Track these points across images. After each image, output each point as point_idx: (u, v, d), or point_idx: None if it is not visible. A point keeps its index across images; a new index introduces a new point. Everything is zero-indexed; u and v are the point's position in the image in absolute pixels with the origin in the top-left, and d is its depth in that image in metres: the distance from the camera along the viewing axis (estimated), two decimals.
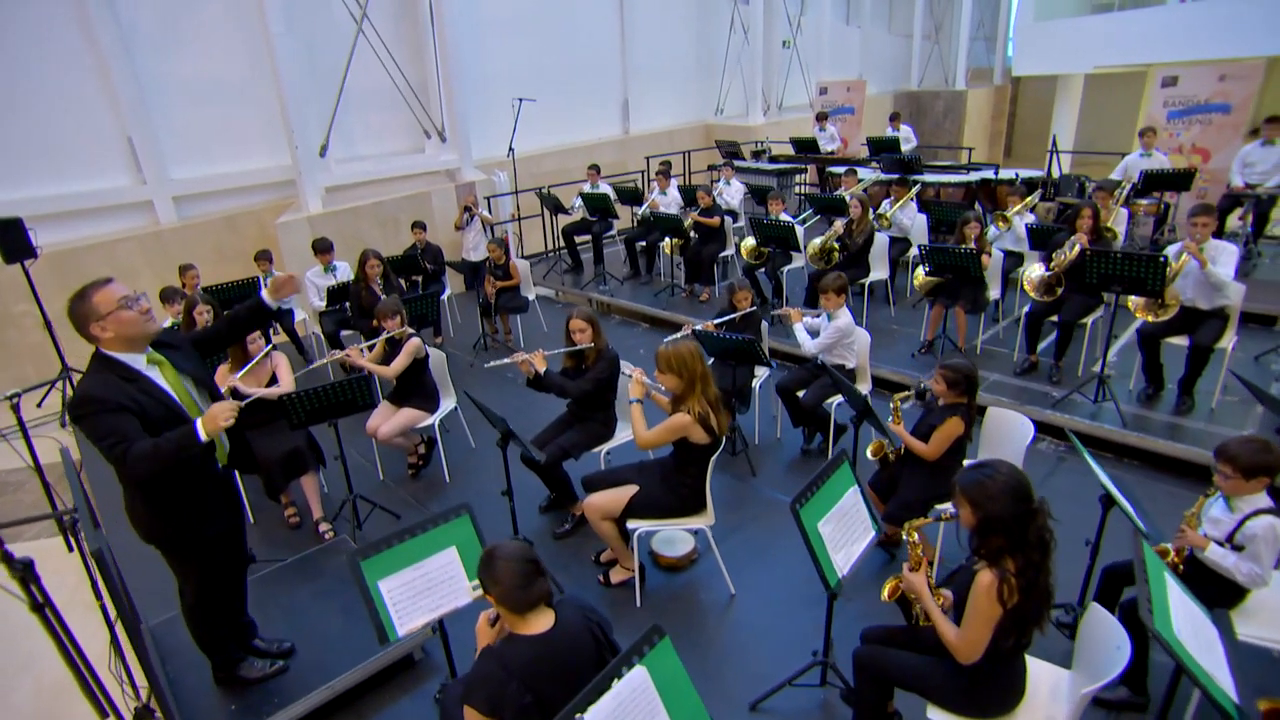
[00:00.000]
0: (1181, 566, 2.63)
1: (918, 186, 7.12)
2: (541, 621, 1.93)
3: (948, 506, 2.35)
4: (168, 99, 7.75)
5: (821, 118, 10.46)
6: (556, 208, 8.27)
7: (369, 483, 4.63)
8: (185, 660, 2.99)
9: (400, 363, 4.32)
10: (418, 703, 2.98)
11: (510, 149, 8.73)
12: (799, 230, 6.41)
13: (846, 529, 2.56)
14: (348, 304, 6.05)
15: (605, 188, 8.45)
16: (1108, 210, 5.67)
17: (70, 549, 3.11)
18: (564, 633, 1.93)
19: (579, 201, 8.35)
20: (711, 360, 4.44)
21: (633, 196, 8.32)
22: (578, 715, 1.58)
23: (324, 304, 6.16)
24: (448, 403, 4.72)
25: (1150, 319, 4.64)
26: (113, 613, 2.66)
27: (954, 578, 2.37)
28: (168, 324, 5.25)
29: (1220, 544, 2.57)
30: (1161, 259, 4.16)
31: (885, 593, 2.49)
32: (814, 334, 4.57)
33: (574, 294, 8.44)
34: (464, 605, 2.50)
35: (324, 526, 4.03)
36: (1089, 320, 5.06)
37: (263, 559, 3.68)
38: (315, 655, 3.04)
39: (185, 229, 8.08)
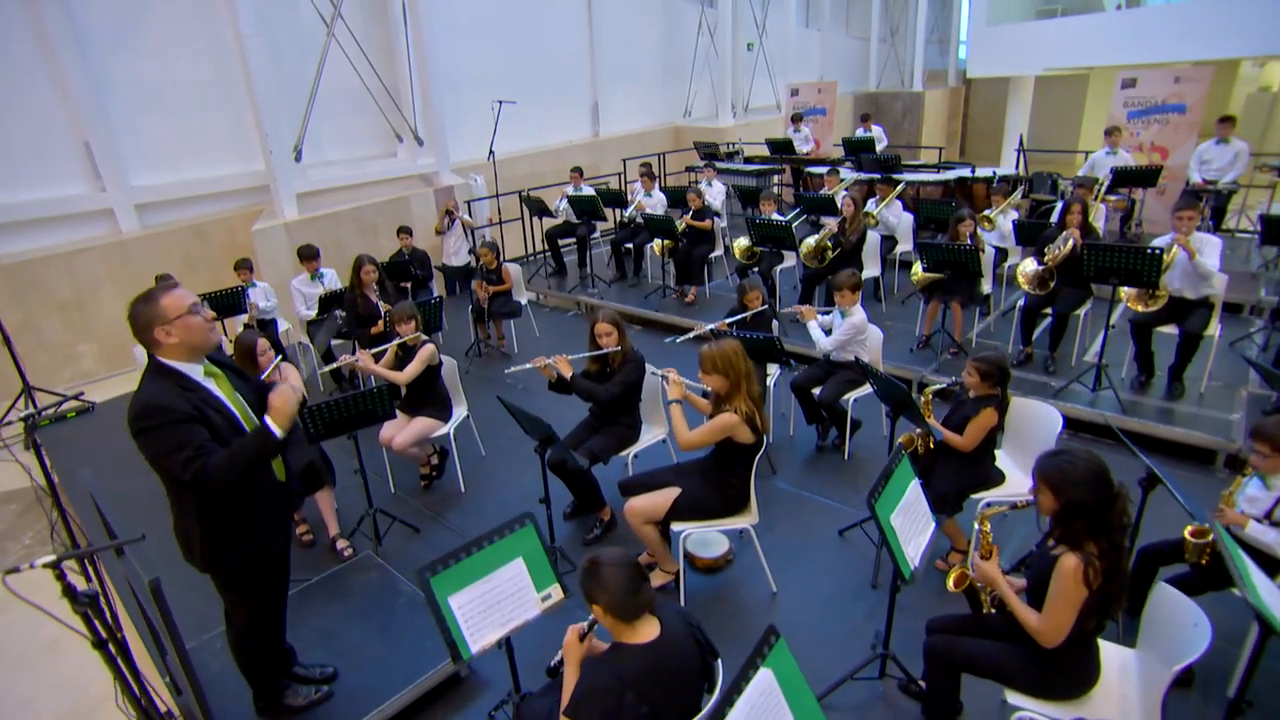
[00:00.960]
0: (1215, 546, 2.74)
1: (902, 185, 7.27)
2: (649, 629, 1.90)
3: (1022, 495, 2.39)
4: (127, 102, 7.41)
5: (796, 119, 10.62)
6: (540, 210, 8.18)
7: (381, 496, 4.48)
8: (223, 690, 2.85)
9: (414, 369, 4.20)
10: (471, 719, 2.89)
11: (491, 152, 8.61)
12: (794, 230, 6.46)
13: (912, 521, 2.59)
14: (338, 312, 5.87)
15: (588, 190, 8.40)
16: (1091, 206, 5.88)
17: (90, 580, 2.92)
18: (670, 639, 1.90)
19: (563, 204, 8.27)
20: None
21: (615, 199, 8.29)
22: None
23: (314, 313, 5.96)
24: (459, 411, 4.61)
25: (1140, 309, 4.84)
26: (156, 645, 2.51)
27: (1023, 565, 2.41)
28: None
29: (1259, 520, 2.69)
30: (1155, 251, 4.34)
31: (951, 582, 2.52)
32: (826, 331, 4.62)
33: (560, 297, 8.37)
34: (533, 618, 2.43)
35: (342, 543, 3.88)
36: (1081, 312, 5.24)
37: None
38: (358, 679, 2.93)
39: (150, 238, 7.73)
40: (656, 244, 7.56)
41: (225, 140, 8.10)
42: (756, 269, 7.01)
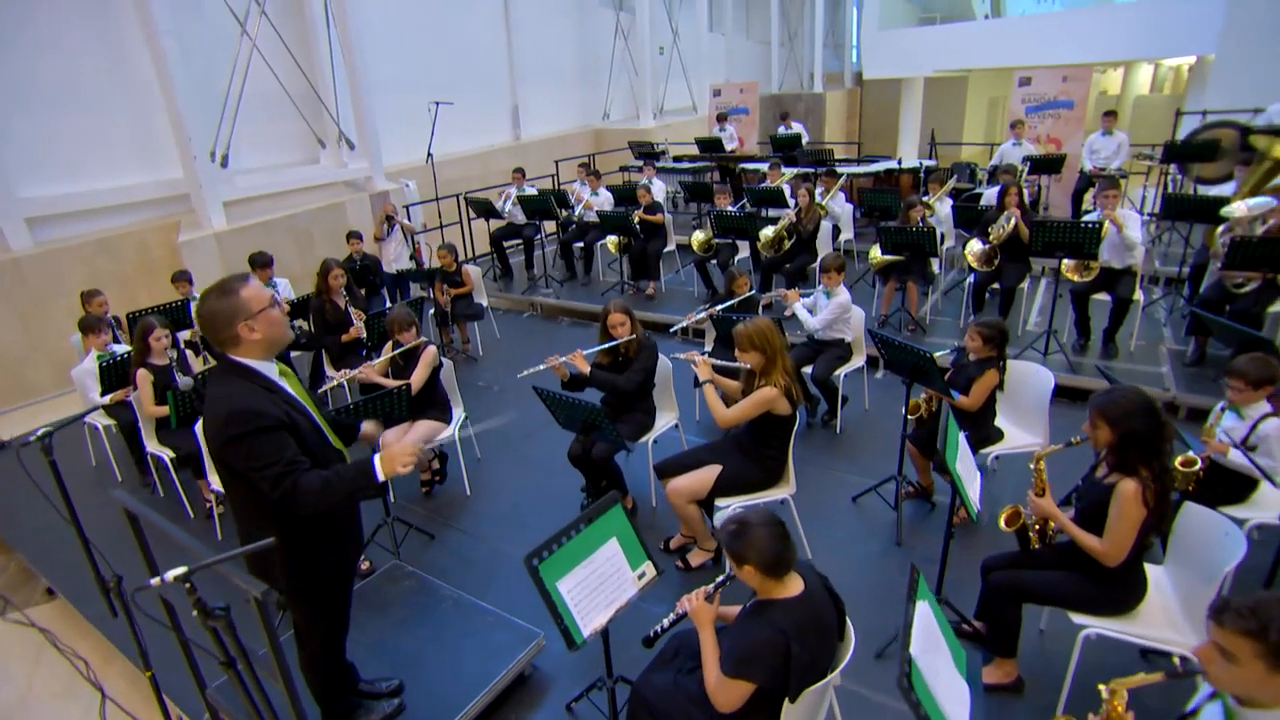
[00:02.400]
0: (1202, 473, 3.11)
1: (844, 177, 7.68)
2: (795, 583, 1.97)
3: (1076, 435, 2.63)
4: (10, 105, 6.66)
5: (721, 118, 10.94)
6: (487, 212, 8.03)
7: (382, 505, 4.31)
8: None
9: (420, 374, 4.06)
10: (550, 714, 2.85)
11: (429, 154, 8.37)
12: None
13: (967, 469, 2.78)
14: (297, 323, 5.57)
15: (530, 190, 8.34)
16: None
17: (114, 614, 2.66)
18: (813, 591, 1.98)
19: (508, 205, 8.17)
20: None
21: (560, 199, 8.28)
22: (908, 655, 1.64)
23: None
24: (458, 413, 4.49)
25: (1076, 279, 5.38)
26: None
27: (1071, 499, 2.65)
28: (94, 356, 4.58)
29: (1237, 447, 3.07)
30: (1094, 225, 4.85)
31: (1003, 521, 2.74)
32: (811, 312, 4.83)
33: (512, 299, 8.26)
34: (632, 597, 2.44)
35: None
36: (1025, 285, 5.74)
37: None
38: (424, 689, 2.81)
39: (46, 255, 7.01)
40: (611, 241, 7.61)
41: (131, 147, 7.46)
42: (714, 260, 7.21)
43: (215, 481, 3.91)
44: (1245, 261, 4.64)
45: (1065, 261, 5.27)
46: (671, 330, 6.30)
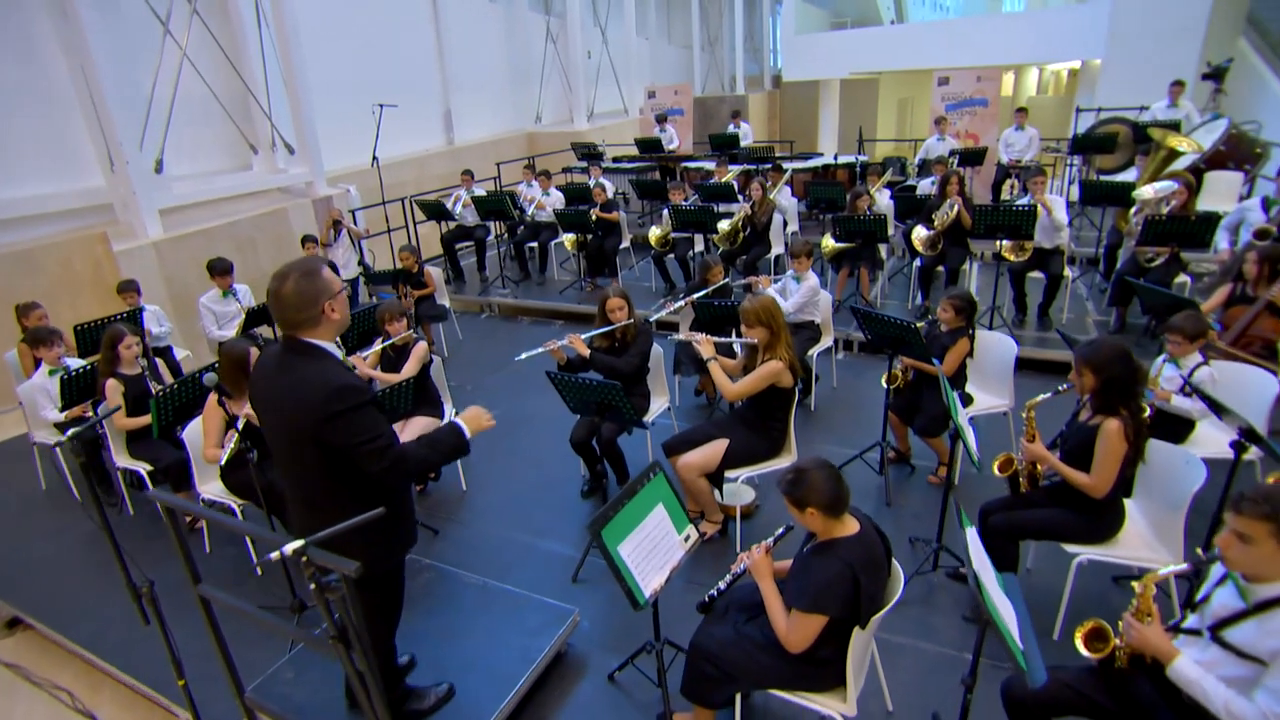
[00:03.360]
0: (1150, 419, 3.52)
1: (789, 173, 8.04)
2: (853, 523, 2.15)
3: (1062, 384, 2.94)
4: None
5: (661, 119, 11.17)
6: (438, 215, 7.95)
7: None
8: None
9: (412, 368, 4.05)
10: (593, 686, 2.93)
11: (375, 158, 8.19)
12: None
13: (965, 421, 3.05)
14: (258, 332, 5.39)
15: (479, 192, 8.32)
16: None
17: (147, 622, 2.57)
18: (867, 529, 2.17)
19: (459, 207, 8.11)
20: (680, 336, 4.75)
21: (510, 200, 8.29)
22: (973, 570, 1.84)
23: (231, 332, 5.40)
24: (449, 408, 4.48)
25: (1013, 259, 5.86)
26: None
27: (1057, 443, 2.96)
28: (45, 371, 4.32)
29: (1178, 394, 3.49)
30: (1029, 208, 5.32)
31: (996, 467, 3.04)
32: (782, 296, 5.08)
33: (467, 300, 8.20)
34: (681, 559, 2.56)
35: None
36: (967, 266, 6.21)
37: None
38: (471, 674, 2.82)
39: None
40: (568, 239, 7.68)
41: (42, 154, 6.95)
42: (672, 254, 7.41)
43: (205, 491, 3.78)
44: (1156, 238, 5.21)
45: (1004, 243, 5.74)
46: (647, 319, 6.46)
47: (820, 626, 2.08)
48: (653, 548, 2.50)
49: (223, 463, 3.42)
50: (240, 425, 3.43)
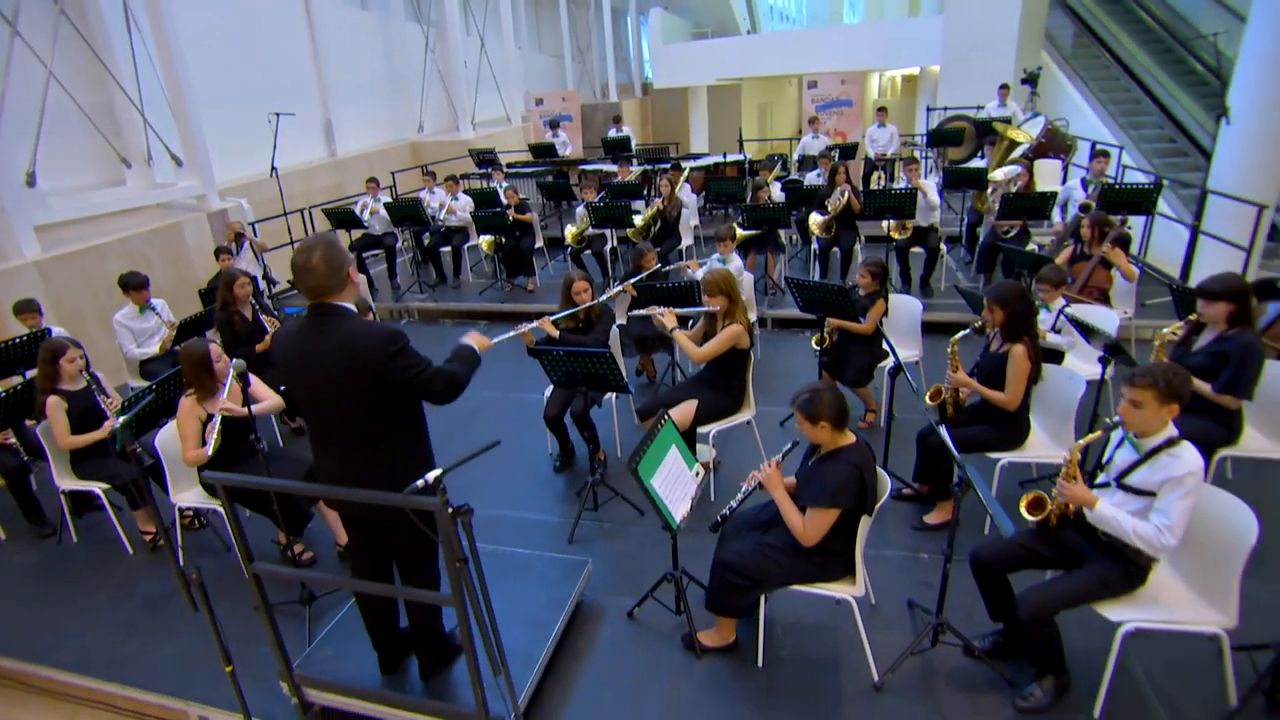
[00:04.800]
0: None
1: (688, 170, 8.61)
2: (850, 435, 2.61)
3: (975, 322, 3.58)
4: None
5: (554, 125, 11.46)
6: (347, 223, 7.81)
7: None
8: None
9: None
10: (615, 626, 3.20)
11: (273, 169, 7.90)
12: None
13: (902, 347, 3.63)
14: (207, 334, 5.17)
15: (384, 199, 8.28)
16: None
17: (195, 609, 2.58)
18: (861, 439, 2.64)
19: (366, 214, 8.02)
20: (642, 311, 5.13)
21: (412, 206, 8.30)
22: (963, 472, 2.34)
23: (152, 349, 5.14)
24: None
25: (897, 237, 6.71)
26: None
27: (975, 371, 3.60)
28: None
29: (1051, 332, 4.29)
30: (909, 190, 6.15)
31: (928, 397, 3.64)
32: None
33: (384, 307, 8.09)
34: (695, 490, 2.93)
35: None
36: (858, 247, 7.01)
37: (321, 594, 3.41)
38: (506, 633, 3.00)
39: None
40: (485, 241, 7.81)
41: None
42: (589, 250, 7.74)
43: (182, 500, 3.68)
44: (1011, 213, 6.20)
45: (890, 223, 6.57)
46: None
47: (833, 520, 2.53)
48: (675, 481, 2.85)
49: (209, 453, 3.36)
50: (218, 421, 3.41)
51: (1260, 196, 6.00)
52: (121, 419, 3.15)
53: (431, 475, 1.93)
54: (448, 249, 8.36)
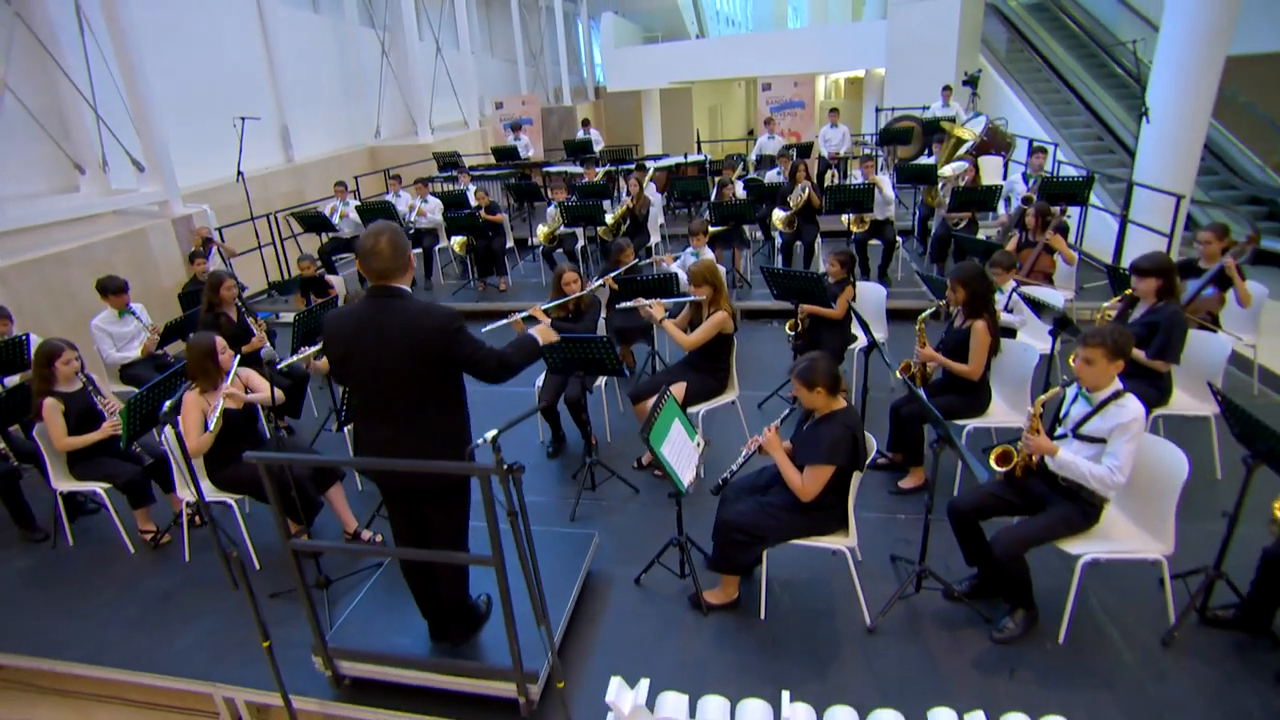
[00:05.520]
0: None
1: (652, 170, 8.87)
2: (842, 399, 2.89)
3: (934, 306, 3.91)
4: None
5: (515, 127, 11.59)
6: (317, 226, 7.82)
7: (350, 486, 4.41)
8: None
9: None
10: (623, 592, 3.41)
11: (240, 174, 7.84)
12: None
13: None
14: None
15: (353, 202, 8.31)
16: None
17: (235, 587, 2.68)
18: (851, 403, 2.92)
19: (336, 218, 8.04)
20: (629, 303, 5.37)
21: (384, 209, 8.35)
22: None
23: (133, 354, 5.12)
24: None
25: (856, 229, 7.11)
26: None
27: (940, 346, 3.94)
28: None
29: (1004, 311, 4.68)
30: (868, 185, 6.54)
31: (898, 372, 3.96)
32: (684, 270, 5.83)
33: None
34: (697, 458, 3.17)
35: (367, 534, 3.86)
36: (819, 241, 7.38)
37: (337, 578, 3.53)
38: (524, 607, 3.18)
39: None
40: (457, 242, 7.92)
41: None
42: (560, 248, 7.93)
43: (190, 493, 3.73)
44: (961, 205, 6.65)
45: (849, 217, 6.95)
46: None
47: (829, 475, 2.80)
48: (680, 449, 3.09)
49: (213, 432, 3.44)
50: (220, 406, 3.50)
51: (1178, 188, 6.59)
52: (121, 419, 3.23)
53: (489, 435, 2.12)
54: (418, 251, 8.41)
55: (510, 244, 8.38)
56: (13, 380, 4.79)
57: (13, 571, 3.97)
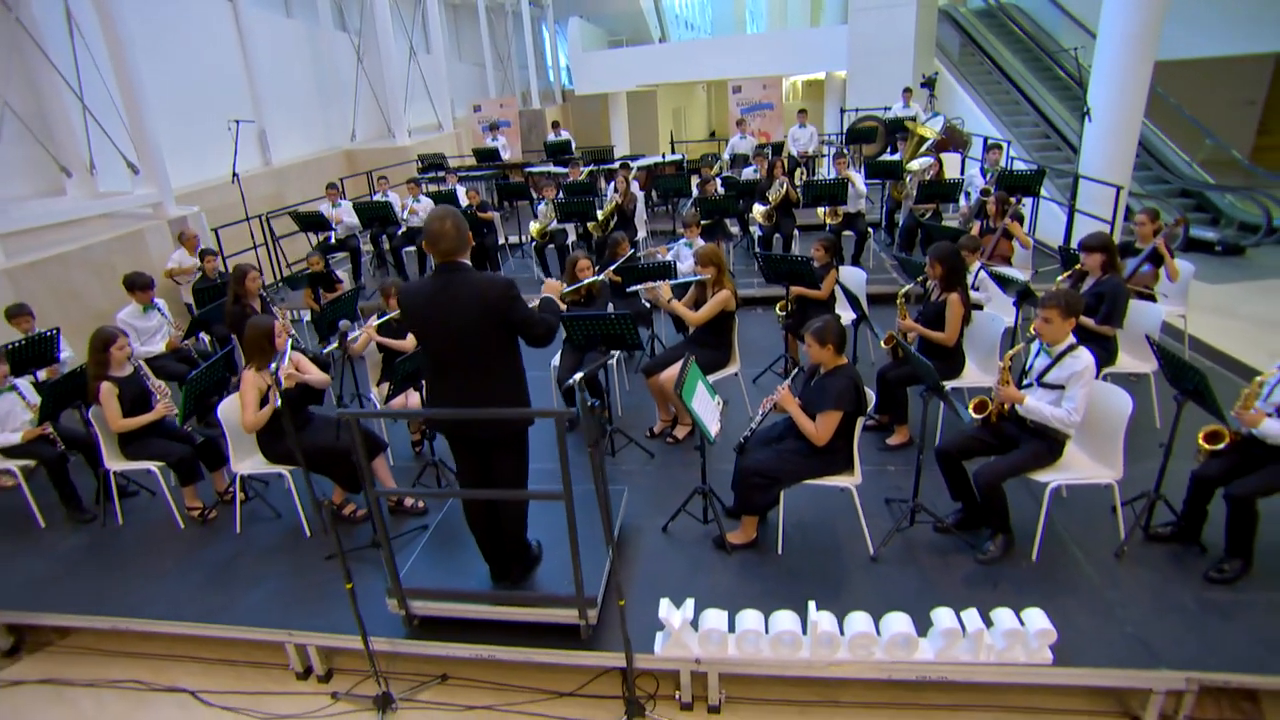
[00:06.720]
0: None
1: (635, 169, 9.29)
2: (843, 356, 3.36)
3: (920, 276, 4.43)
4: None
5: (494, 128, 11.89)
6: (314, 225, 8.04)
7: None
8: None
9: (413, 341, 4.58)
10: (652, 540, 3.82)
11: (235, 175, 8.01)
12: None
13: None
14: (201, 334, 5.41)
15: (345, 204, 8.54)
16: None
17: (326, 531, 3.01)
18: (849, 360, 3.39)
19: (332, 217, 8.27)
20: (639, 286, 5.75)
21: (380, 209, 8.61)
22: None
23: (159, 347, 5.34)
24: None
25: (830, 221, 7.64)
26: None
27: (919, 318, 4.44)
28: None
29: (972, 289, 5.24)
30: (842, 180, 7.08)
31: (883, 343, 4.47)
32: (677, 259, 6.27)
33: (362, 305, 8.33)
34: (720, 415, 3.61)
35: (410, 501, 4.18)
36: (796, 233, 7.90)
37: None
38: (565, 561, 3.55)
39: None
40: None
41: None
42: (552, 244, 8.30)
43: (243, 468, 4.01)
44: (927, 198, 7.24)
45: (824, 210, 7.48)
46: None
47: (838, 420, 3.26)
48: (706, 405, 3.52)
49: (278, 404, 3.70)
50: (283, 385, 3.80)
51: (1117, 180, 7.29)
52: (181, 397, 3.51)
53: (577, 376, 2.52)
54: (412, 249, 8.69)
55: (502, 240, 8.71)
56: (45, 373, 4.98)
57: (71, 547, 4.19)
